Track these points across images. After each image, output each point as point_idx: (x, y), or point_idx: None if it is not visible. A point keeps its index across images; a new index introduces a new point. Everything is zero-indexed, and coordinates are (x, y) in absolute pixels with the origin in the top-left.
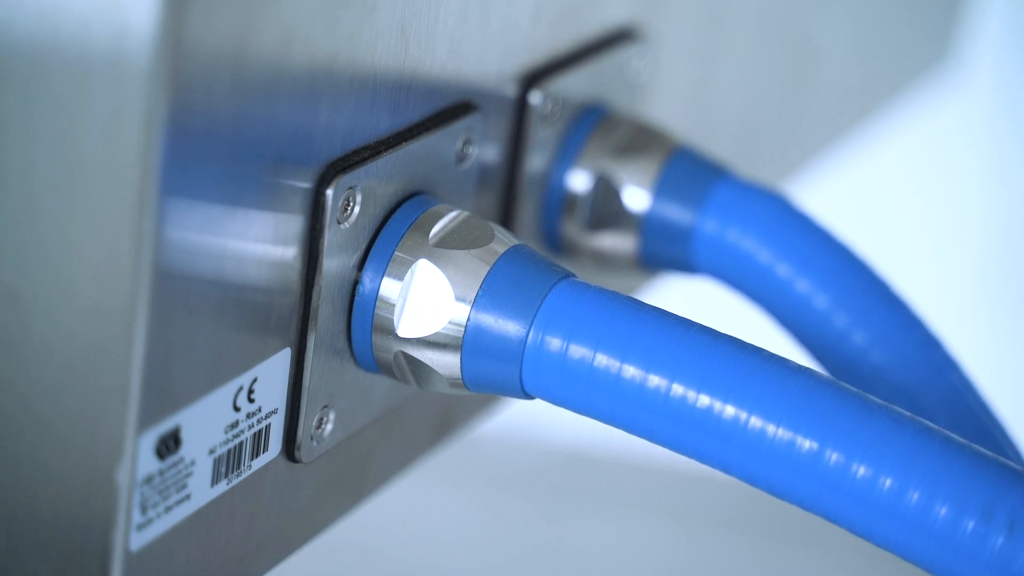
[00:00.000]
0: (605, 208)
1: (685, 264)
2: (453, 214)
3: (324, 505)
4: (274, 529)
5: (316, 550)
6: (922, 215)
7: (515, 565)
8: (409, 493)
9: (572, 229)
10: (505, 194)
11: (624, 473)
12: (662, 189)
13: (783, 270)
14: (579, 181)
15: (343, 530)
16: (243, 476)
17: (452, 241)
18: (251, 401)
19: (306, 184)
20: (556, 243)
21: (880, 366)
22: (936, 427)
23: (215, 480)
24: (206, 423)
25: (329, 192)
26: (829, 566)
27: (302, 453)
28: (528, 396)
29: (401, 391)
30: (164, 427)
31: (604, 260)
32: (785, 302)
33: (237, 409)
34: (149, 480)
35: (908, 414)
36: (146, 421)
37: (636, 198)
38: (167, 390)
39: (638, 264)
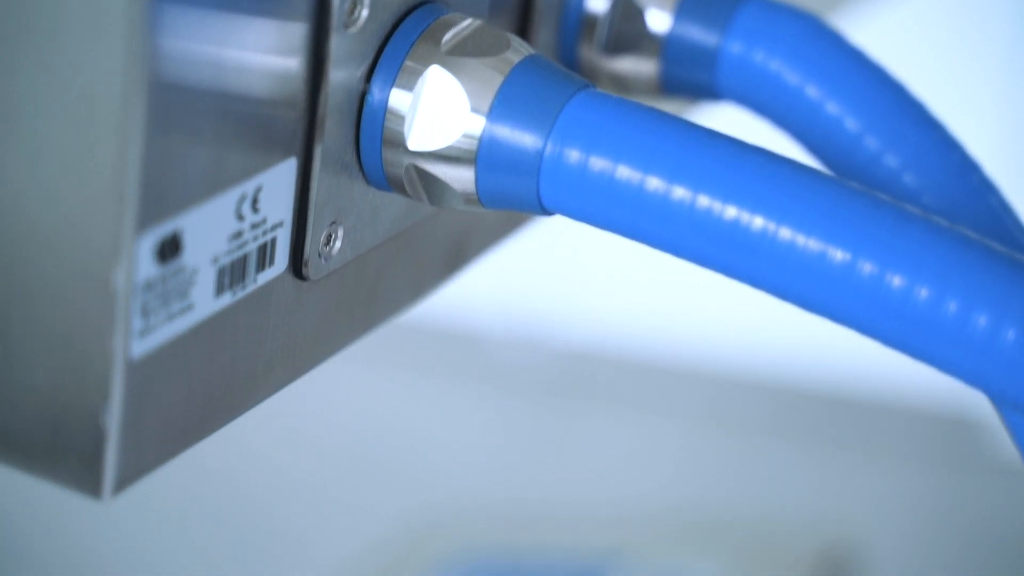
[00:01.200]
0: (625, 30)
1: (709, 89)
2: (466, 22)
3: (333, 327)
4: (281, 349)
5: (319, 441)
6: (957, 59)
7: (521, 464)
8: (417, 392)
9: (590, 53)
10: (520, 15)
11: (632, 375)
12: (685, 9)
13: (812, 92)
14: (597, 2)
15: (348, 427)
16: (248, 290)
17: (465, 49)
18: (256, 211)
19: None
20: (573, 68)
21: (914, 190)
22: (975, 235)
23: (219, 291)
24: (208, 230)
25: None
26: (844, 462)
27: (310, 269)
28: (547, 212)
29: (413, 212)
30: (164, 230)
31: (624, 85)
32: (814, 126)
33: (241, 218)
34: (150, 285)
35: (945, 223)
36: (144, 222)
37: (657, 19)
38: (165, 192)
39: (659, 90)
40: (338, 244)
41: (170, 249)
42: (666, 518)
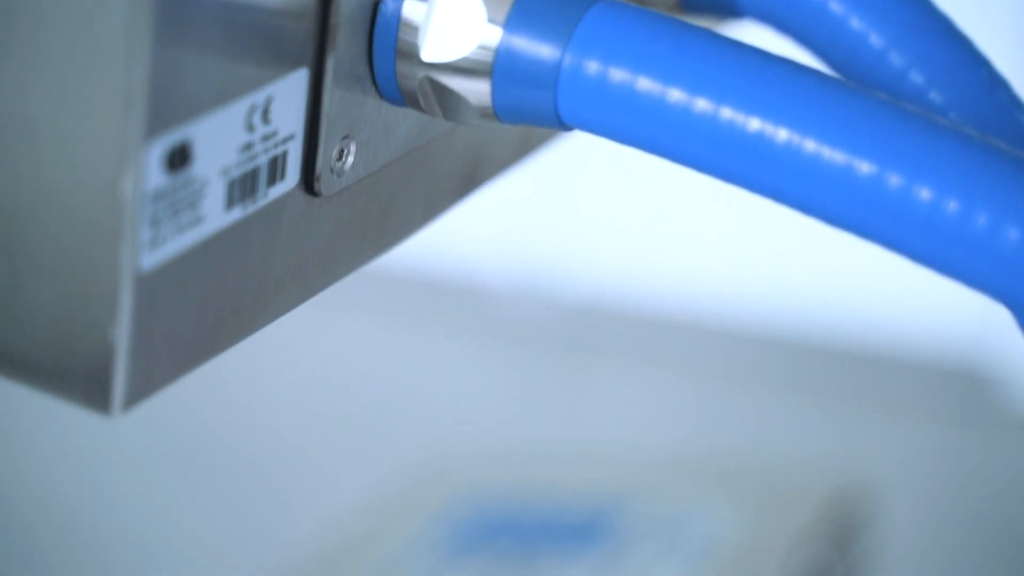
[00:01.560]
0: None
1: (730, 6)
2: None
3: (345, 246)
4: (293, 266)
5: (321, 393)
6: None
7: (528, 417)
8: (422, 346)
9: None
10: None
11: (641, 329)
12: None
13: (836, 7)
14: None
15: (351, 380)
16: (259, 204)
17: None
18: (266, 122)
19: None
20: None
21: (940, 107)
22: (1005, 147)
23: (229, 204)
24: (218, 140)
25: None
26: (855, 416)
27: (322, 185)
28: (565, 127)
29: (427, 128)
30: (172, 138)
31: (642, 2)
32: (838, 42)
33: (251, 129)
34: (158, 195)
35: (976, 133)
36: (153, 130)
37: None
38: (173, 99)
39: (678, 8)
40: (350, 159)
41: (179, 159)
42: (676, 467)
